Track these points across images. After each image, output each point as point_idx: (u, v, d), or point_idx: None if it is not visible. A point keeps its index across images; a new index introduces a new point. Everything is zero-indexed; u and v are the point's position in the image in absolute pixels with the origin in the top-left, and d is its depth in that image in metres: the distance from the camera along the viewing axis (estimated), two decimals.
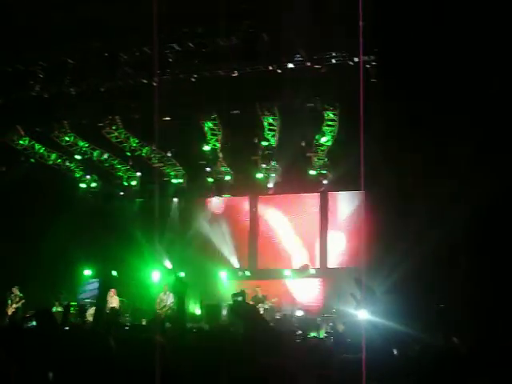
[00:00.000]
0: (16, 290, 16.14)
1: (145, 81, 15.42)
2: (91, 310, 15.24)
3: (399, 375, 4.18)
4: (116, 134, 17.48)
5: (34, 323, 6.62)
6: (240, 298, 15.23)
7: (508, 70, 12.43)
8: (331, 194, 19.35)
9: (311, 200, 19.78)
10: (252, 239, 20.18)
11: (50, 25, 14.31)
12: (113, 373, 4.05)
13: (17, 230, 18.17)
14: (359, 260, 16.79)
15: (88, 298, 18.25)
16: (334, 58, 14.16)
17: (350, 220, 18.65)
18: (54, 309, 15.57)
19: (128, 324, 14.13)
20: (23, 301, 16.07)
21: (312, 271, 18.74)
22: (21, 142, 18.14)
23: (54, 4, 13.81)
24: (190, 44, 14.70)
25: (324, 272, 18.80)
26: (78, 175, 20.15)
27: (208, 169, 18.98)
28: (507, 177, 12.89)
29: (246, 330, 4.93)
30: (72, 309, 16.74)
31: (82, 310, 15.85)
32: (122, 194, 20.85)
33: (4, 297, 15.96)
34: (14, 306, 15.89)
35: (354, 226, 18.28)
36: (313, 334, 13.20)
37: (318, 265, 19.06)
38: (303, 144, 17.82)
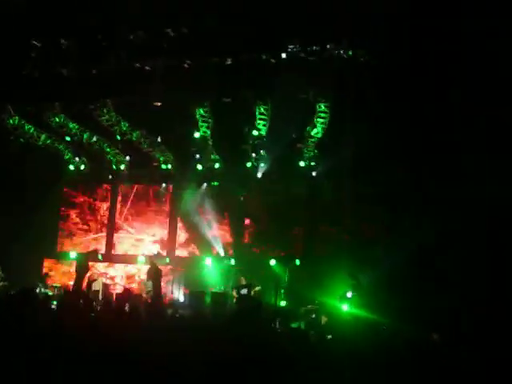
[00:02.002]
0: None
1: (138, 65, 15.35)
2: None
3: (378, 366, 4.23)
4: (107, 116, 17.37)
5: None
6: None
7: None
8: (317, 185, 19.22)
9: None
10: (238, 227, 20.13)
11: (45, 5, 14.24)
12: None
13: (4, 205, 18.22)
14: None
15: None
16: (328, 50, 14.11)
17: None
18: (38, 290, 15.55)
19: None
20: (6, 282, 15.97)
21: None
22: (10, 121, 17.98)
23: None
24: (184, 30, 14.64)
25: None
26: (67, 157, 20.08)
27: (198, 156, 18.96)
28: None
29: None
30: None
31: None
32: (110, 177, 20.86)
33: None
34: None
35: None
36: (295, 325, 13.18)
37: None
38: (294, 135, 17.80)
